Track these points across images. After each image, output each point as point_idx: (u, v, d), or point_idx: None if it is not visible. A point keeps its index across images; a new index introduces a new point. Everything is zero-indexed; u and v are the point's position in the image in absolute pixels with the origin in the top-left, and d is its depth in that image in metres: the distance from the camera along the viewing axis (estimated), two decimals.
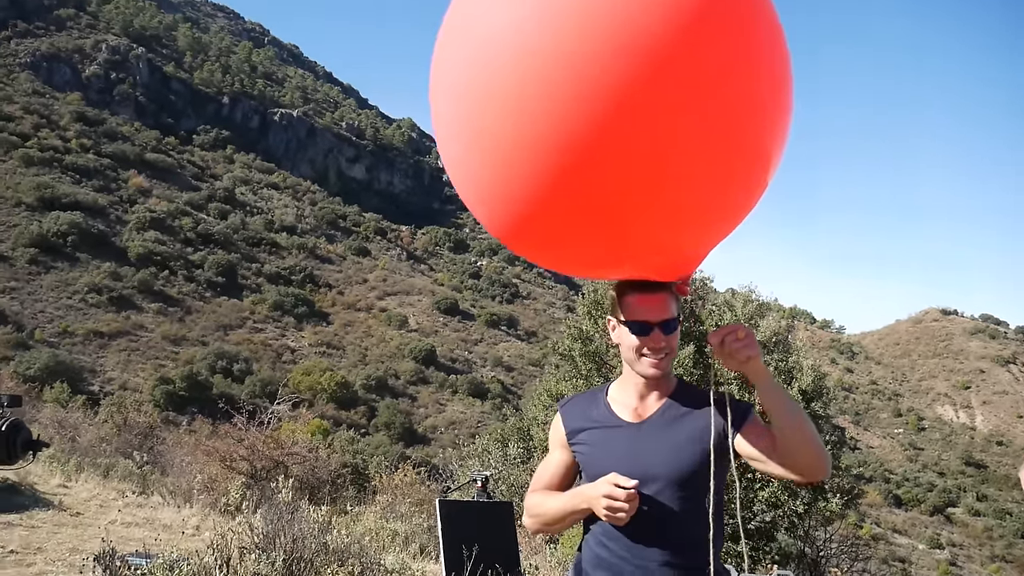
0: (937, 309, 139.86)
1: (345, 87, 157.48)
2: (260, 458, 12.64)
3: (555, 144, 1.77)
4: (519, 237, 2.08)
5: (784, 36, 1.97)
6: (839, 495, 11.82)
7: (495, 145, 1.86)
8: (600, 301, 12.48)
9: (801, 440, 1.97)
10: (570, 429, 2.32)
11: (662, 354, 2.18)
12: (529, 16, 1.75)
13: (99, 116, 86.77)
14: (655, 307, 2.17)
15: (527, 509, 2.34)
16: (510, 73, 1.77)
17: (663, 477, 2.13)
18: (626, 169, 1.79)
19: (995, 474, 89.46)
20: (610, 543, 2.19)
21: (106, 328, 54.96)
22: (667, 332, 2.18)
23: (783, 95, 1.96)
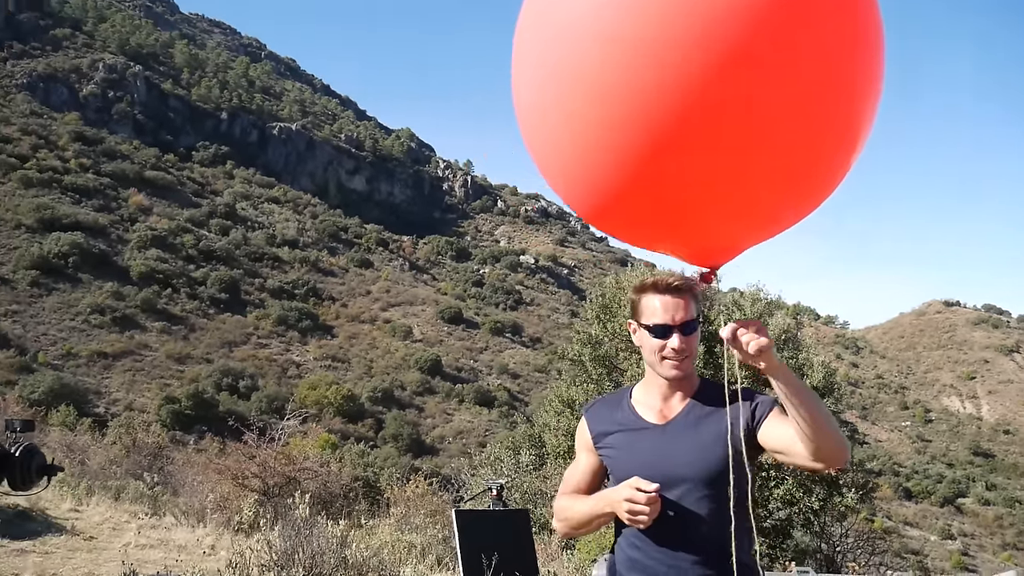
0: (940, 301, 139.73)
1: (343, 99, 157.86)
2: (272, 475, 12.60)
3: (635, 129, 1.79)
4: (600, 214, 2.10)
5: (880, 30, 1.94)
6: (854, 489, 11.79)
7: (583, 127, 1.88)
8: (608, 305, 12.45)
9: (820, 428, 1.95)
10: (596, 432, 2.35)
11: (682, 356, 2.19)
12: (608, 2, 1.76)
13: (97, 135, 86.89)
14: (675, 310, 2.19)
15: (556, 513, 2.38)
16: (592, 58, 1.78)
17: (691, 477, 2.14)
18: (701, 160, 1.80)
19: (1003, 463, 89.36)
20: (643, 545, 2.20)
21: (110, 349, 54.94)
22: (687, 333, 2.19)
23: (870, 108, 1.93)
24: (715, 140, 1.77)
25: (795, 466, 2.11)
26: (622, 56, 1.73)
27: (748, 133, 1.77)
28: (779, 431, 2.10)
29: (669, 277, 2.25)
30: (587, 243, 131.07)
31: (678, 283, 2.22)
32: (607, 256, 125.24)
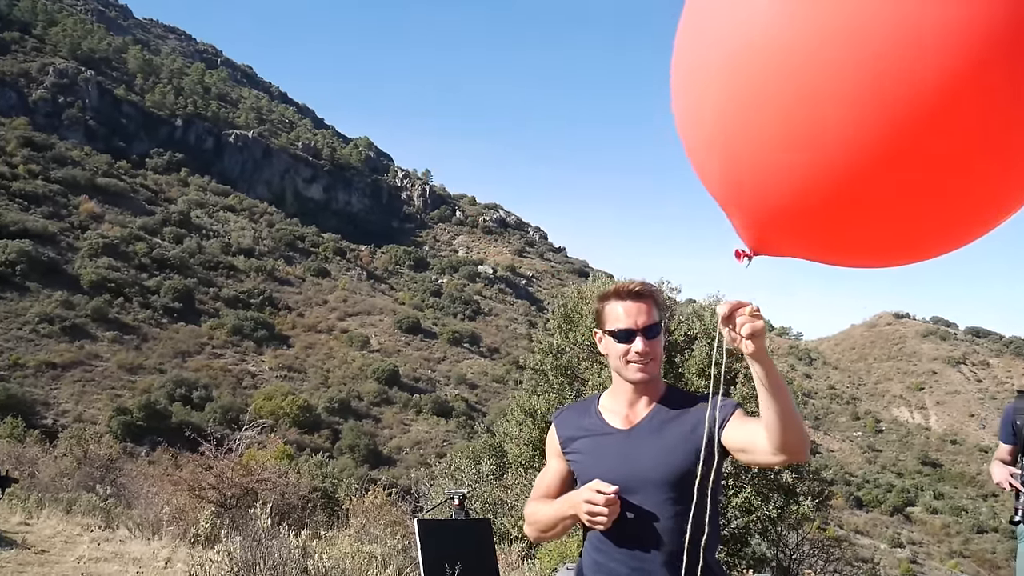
0: (890, 313, 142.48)
1: (300, 107, 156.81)
2: (229, 486, 12.42)
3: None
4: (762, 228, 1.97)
5: None
6: (810, 498, 11.96)
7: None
8: (570, 315, 12.53)
9: (790, 417, 1.97)
10: (563, 438, 2.38)
11: (647, 359, 2.23)
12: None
13: (47, 141, 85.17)
14: (637, 314, 2.24)
15: (526, 517, 2.41)
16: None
17: (654, 480, 2.17)
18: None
19: (950, 472, 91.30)
20: (607, 548, 2.23)
21: (59, 359, 53.78)
22: (650, 337, 2.23)
23: None
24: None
25: (756, 464, 2.14)
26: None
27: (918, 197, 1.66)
28: (742, 430, 2.13)
29: (630, 284, 2.30)
30: (545, 254, 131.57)
31: (639, 289, 2.27)
32: (565, 267, 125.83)
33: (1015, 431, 4.49)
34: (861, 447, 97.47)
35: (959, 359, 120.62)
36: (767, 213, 1.90)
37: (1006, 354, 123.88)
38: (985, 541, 66.72)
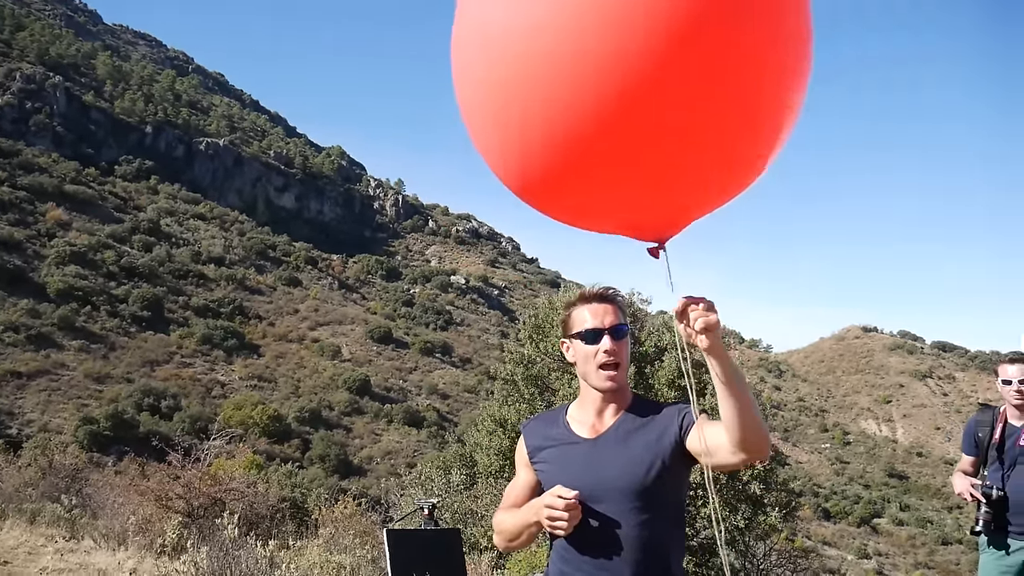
0: (858, 326, 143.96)
1: (272, 115, 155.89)
2: (197, 496, 12.34)
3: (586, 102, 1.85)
4: (542, 190, 2.14)
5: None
6: (778, 508, 12.07)
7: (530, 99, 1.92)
8: (541, 325, 12.58)
9: (749, 413, 1.99)
10: (531, 448, 2.40)
11: (615, 359, 2.26)
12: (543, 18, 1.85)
13: (13, 147, 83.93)
14: (603, 315, 2.28)
15: (494, 527, 2.43)
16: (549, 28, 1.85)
17: (619, 489, 2.19)
18: (646, 132, 1.88)
19: (916, 484, 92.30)
20: (571, 557, 2.24)
21: (24, 368, 52.94)
22: (617, 338, 2.27)
23: (799, 87, 2.04)
24: (659, 116, 1.85)
25: (718, 466, 2.16)
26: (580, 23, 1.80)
27: (692, 109, 1.85)
28: (703, 432, 2.15)
29: (595, 288, 2.34)
30: (518, 264, 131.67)
31: (603, 292, 2.32)
32: (538, 277, 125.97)
33: (976, 443, 4.59)
34: (829, 459, 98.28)
35: (926, 372, 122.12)
36: (646, 199, 2.05)
37: (971, 368, 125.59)
38: (950, 552, 67.46)
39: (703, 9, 1.77)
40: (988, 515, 4.36)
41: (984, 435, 4.54)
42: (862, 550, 65.34)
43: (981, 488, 4.39)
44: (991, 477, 4.46)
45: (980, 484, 4.42)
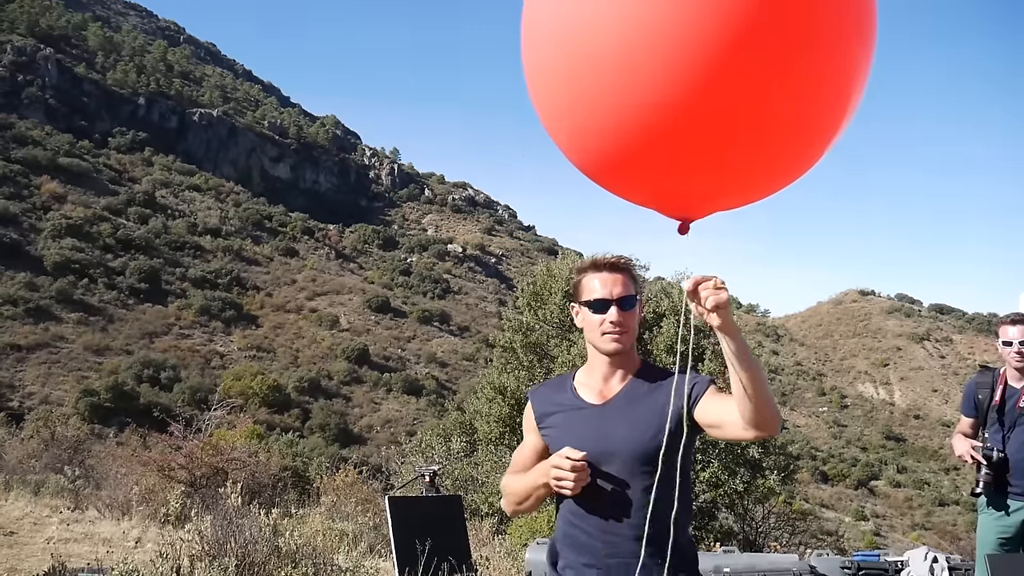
0: (856, 290, 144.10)
1: (266, 85, 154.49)
2: (199, 466, 12.42)
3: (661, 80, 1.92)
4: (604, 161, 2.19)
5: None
6: (776, 472, 12.15)
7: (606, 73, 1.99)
8: (539, 293, 12.59)
9: (761, 391, 2.01)
10: (539, 414, 2.41)
11: (622, 329, 2.26)
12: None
13: (6, 120, 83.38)
14: (612, 285, 2.27)
15: (503, 491, 2.45)
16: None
17: (625, 453, 2.20)
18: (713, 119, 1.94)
19: (913, 446, 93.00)
20: (578, 520, 2.26)
21: (24, 341, 53.05)
22: (625, 308, 2.27)
23: (855, 97, 2.11)
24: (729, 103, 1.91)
25: (727, 438, 2.20)
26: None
27: (758, 103, 1.92)
28: (714, 405, 2.17)
29: (606, 256, 2.33)
30: (515, 232, 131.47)
31: (615, 261, 2.31)
32: (535, 245, 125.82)
33: (976, 405, 4.60)
34: (827, 422, 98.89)
35: (923, 336, 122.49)
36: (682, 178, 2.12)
37: (968, 331, 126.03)
38: (946, 513, 68.10)
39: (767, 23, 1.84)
40: (988, 476, 4.39)
41: (984, 397, 4.55)
42: (859, 512, 65.96)
43: (982, 450, 4.41)
44: (991, 439, 4.47)
45: (981, 446, 4.44)
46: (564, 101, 2.13)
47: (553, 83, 2.15)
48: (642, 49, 1.88)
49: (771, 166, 2.13)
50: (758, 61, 1.85)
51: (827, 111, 2.06)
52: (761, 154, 2.04)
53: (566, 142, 2.24)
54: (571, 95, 2.08)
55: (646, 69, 1.89)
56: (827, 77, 1.97)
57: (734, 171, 2.07)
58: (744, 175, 2.11)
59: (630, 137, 2.02)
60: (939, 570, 6.31)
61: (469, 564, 8.25)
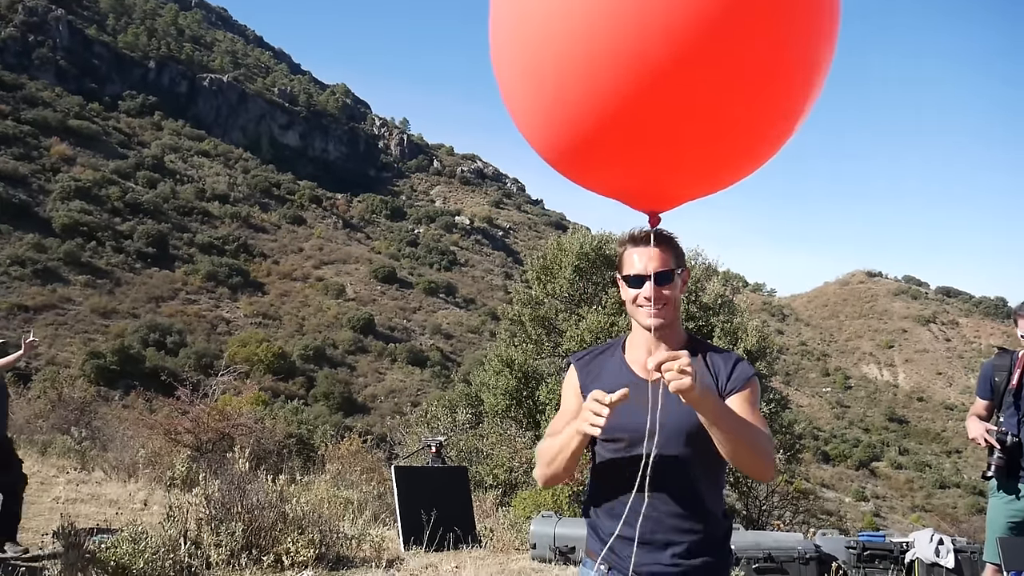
0: (863, 271, 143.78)
1: (277, 52, 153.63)
2: (205, 430, 12.47)
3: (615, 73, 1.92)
4: (565, 152, 2.20)
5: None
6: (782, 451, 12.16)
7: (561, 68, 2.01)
8: (549, 267, 12.54)
9: (742, 454, 2.04)
10: (583, 382, 2.38)
11: (659, 304, 2.23)
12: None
13: (17, 81, 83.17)
14: (648, 259, 2.24)
15: (536, 457, 2.39)
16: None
17: (668, 430, 2.15)
18: (668, 110, 1.94)
19: (916, 429, 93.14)
20: (620, 493, 2.24)
21: (31, 302, 53.25)
22: (660, 283, 2.24)
23: (815, 85, 2.11)
24: (685, 93, 1.90)
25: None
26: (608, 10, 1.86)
27: (713, 89, 1.90)
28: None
29: (644, 229, 2.29)
30: (523, 206, 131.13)
31: (653, 234, 2.27)
32: (542, 219, 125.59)
33: (992, 387, 4.57)
34: (830, 403, 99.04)
35: (929, 318, 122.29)
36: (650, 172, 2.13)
37: (975, 314, 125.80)
38: (947, 496, 68.39)
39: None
40: (1001, 460, 4.37)
41: (1001, 380, 4.52)
42: (860, 493, 66.24)
43: (996, 434, 4.39)
44: (1006, 423, 4.45)
45: (995, 430, 4.42)
46: (528, 94, 2.14)
47: (516, 75, 2.15)
48: (602, 40, 1.87)
49: (734, 154, 2.12)
50: (718, 52, 1.85)
51: (789, 97, 2.05)
52: (722, 143, 2.03)
53: (530, 134, 2.25)
54: (534, 88, 2.08)
55: (606, 59, 1.89)
56: (788, 64, 1.97)
57: (696, 161, 2.07)
58: (707, 164, 2.11)
59: (589, 129, 2.02)
60: (944, 552, 6.32)
61: (474, 535, 8.30)
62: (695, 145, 2.00)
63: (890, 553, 6.78)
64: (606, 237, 12.83)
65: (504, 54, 2.18)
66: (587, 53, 1.90)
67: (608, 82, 1.91)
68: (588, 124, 2.01)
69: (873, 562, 6.79)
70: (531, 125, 2.21)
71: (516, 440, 13.03)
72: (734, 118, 1.96)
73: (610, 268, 12.66)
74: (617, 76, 1.89)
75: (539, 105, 2.11)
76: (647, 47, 1.84)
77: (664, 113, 1.93)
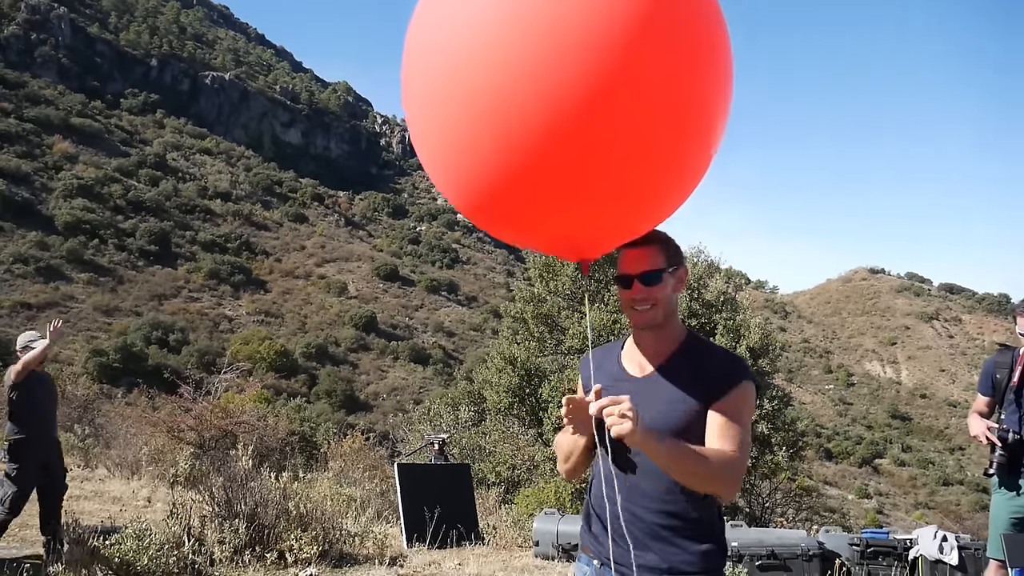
0: (865, 268, 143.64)
1: (278, 49, 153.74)
2: (208, 428, 12.47)
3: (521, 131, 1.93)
4: (480, 209, 2.20)
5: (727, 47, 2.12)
6: (784, 448, 12.14)
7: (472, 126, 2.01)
8: (551, 264, 12.52)
9: (701, 486, 2.08)
10: (584, 378, 2.41)
11: (645, 305, 2.22)
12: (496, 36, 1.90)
13: (20, 79, 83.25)
14: (635, 260, 2.24)
15: (555, 449, 2.46)
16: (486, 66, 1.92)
17: (655, 427, 2.10)
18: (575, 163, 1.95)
19: (919, 426, 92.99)
20: (607, 489, 2.24)
21: (34, 299, 53.31)
22: (646, 283, 2.22)
23: (714, 136, 2.14)
24: (586, 148, 1.91)
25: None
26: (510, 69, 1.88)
27: (614, 146, 1.92)
28: (711, 427, 2.14)
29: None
30: None
31: (643, 235, 2.25)
32: None
33: (994, 384, 4.56)
34: (832, 400, 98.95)
35: (932, 315, 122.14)
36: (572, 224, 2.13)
37: (978, 311, 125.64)
38: (950, 493, 68.29)
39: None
40: (1002, 457, 4.36)
41: (1002, 376, 4.51)
42: (863, 490, 66.19)
43: (997, 431, 4.38)
44: (1007, 420, 4.44)
45: (996, 427, 4.41)
46: (441, 150, 2.15)
47: (433, 132, 2.15)
48: (503, 108, 1.90)
49: (645, 204, 2.14)
50: (610, 120, 1.87)
51: (692, 148, 2.07)
52: (629, 196, 2.05)
53: (448, 192, 2.26)
54: (448, 143, 2.09)
55: (516, 121, 1.90)
56: (691, 118, 2.00)
57: (607, 215, 2.09)
58: (620, 216, 2.12)
59: (495, 189, 2.04)
60: (948, 549, 6.30)
61: (476, 532, 8.31)
62: (604, 200, 2.02)
63: (894, 550, 6.77)
64: None
65: (416, 109, 2.18)
66: (472, 134, 1.95)
67: (495, 160, 1.94)
68: (495, 184, 2.02)
69: (877, 559, 6.78)
70: (445, 186, 2.22)
71: (519, 437, 13.03)
72: (635, 172, 1.98)
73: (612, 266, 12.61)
74: (502, 154, 1.93)
75: (451, 166, 2.12)
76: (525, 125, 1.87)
77: (564, 173, 1.94)
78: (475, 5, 1.93)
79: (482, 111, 1.92)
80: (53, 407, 6.62)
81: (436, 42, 2.01)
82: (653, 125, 1.92)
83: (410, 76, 2.15)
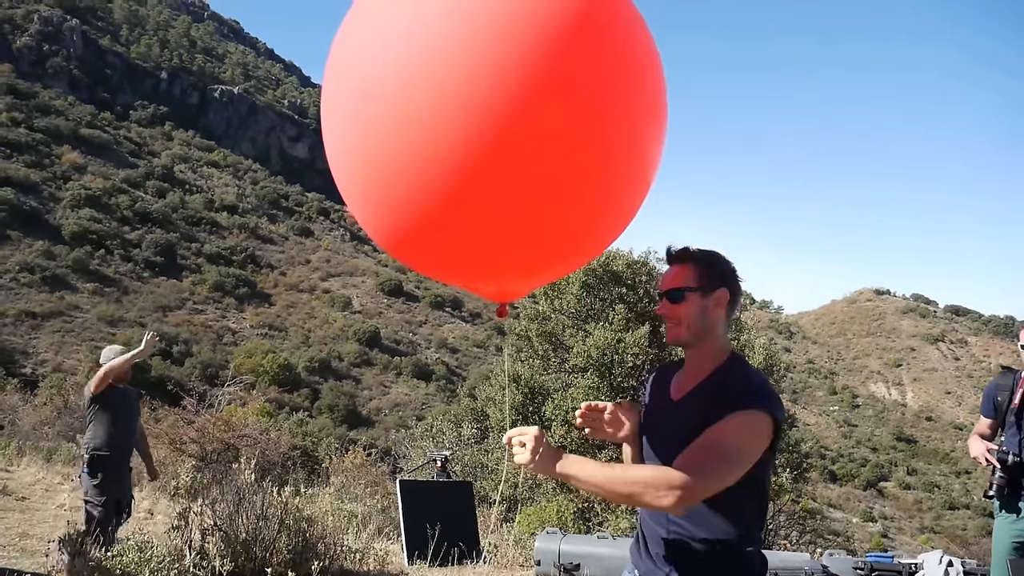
0: (871, 289, 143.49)
1: (287, 64, 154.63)
2: (210, 441, 12.46)
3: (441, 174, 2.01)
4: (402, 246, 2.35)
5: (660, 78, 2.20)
6: (789, 470, 12.08)
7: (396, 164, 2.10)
8: (556, 282, 12.51)
9: (623, 502, 2.15)
10: (641, 400, 2.45)
11: (672, 322, 2.26)
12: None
13: (31, 89, 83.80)
14: (667, 278, 2.29)
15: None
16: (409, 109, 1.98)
17: (663, 455, 2.16)
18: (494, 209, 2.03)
19: (924, 448, 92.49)
20: (640, 512, 2.32)
21: (39, 309, 53.41)
22: (672, 301, 2.24)
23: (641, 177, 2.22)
24: (502, 197, 1.99)
25: None
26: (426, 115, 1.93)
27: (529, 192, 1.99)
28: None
29: (671, 248, 2.31)
30: None
31: (672, 253, 2.30)
32: None
33: (995, 406, 4.55)
34: (837, 421, 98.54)
35: (937, 336, 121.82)
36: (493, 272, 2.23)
37: (984, 333, 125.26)
38: (956, 517, 67.78)
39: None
40: (1002, 480, 4.35)
41: (1003, 399, 4.50)
42: (868, 513, 65.75)
43: (997, 453, 4.37)
44: (1007, 442, 4.43)
45: (996, 449, 4.40)
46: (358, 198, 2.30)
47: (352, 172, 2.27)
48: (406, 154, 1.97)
49: (557, 253, 2.22)
50: (521, 161, 1.92)
51: (619, 195, 2.16)
52: (541, 246, 2.13)
53: (369, 227, 2.40)
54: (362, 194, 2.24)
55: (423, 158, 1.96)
56: (617, 163, 2.07)
57: (519, 263, 2.18)
58: (532, 265, 2.22)
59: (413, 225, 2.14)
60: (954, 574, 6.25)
61: (478, 550, 8.26)
62: (513, 248, 2.10)
63: (899, 574, 6.72)
64: (613, 254, 12.79)
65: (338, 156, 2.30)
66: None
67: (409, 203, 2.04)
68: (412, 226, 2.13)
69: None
70: (366, 223, 2.35)
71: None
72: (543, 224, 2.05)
73: (617, 284, 12.67)
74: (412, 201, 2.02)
75: (373, 204, 2.24)
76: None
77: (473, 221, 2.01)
78: (383, 52, 2.00)
79: (389, 170, 2.01)
80: (134, 424, 6.30)
81: (350, 89, 2.11)
82: (555, 169, 1.96)
83: (328, 121, 2.27)
